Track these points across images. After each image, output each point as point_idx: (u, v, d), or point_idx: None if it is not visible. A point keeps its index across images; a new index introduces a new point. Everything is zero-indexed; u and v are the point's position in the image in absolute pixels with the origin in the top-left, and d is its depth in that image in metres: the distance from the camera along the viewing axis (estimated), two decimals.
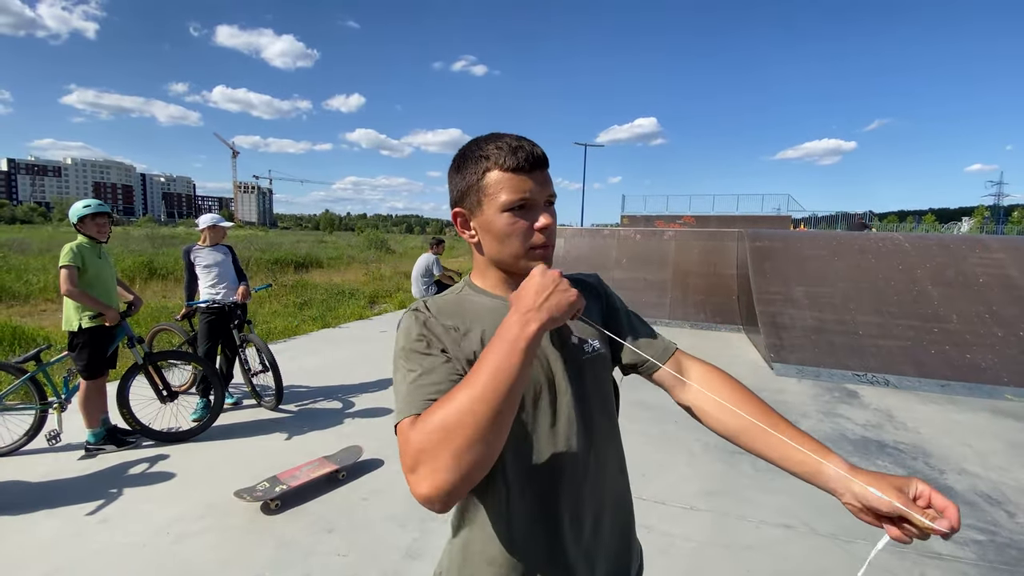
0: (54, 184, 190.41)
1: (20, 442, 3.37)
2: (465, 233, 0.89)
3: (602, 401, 0.92)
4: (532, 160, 0.81)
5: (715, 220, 27.97)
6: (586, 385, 0.89)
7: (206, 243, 4.26)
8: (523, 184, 0.81)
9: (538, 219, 0.82)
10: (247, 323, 4.40)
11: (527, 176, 0.81)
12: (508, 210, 0.82)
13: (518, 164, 0.80)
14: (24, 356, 3.46)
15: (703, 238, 9.80)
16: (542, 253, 0.85)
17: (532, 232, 0.83)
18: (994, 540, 2.64)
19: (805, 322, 6.39)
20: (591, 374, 0.91)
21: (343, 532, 2.56)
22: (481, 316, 0.87)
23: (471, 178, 0.84)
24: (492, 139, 0.84)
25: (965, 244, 7.12)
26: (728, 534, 2.65)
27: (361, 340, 7.08)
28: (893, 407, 4.70)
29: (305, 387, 4.90)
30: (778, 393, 5.01)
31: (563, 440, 0.85)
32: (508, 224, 0.82)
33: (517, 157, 0.80)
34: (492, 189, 0.82)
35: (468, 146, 0.86)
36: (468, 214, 0.87)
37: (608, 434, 0.92)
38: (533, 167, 0.82)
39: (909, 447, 3.80)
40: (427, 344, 0.81)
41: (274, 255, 17.83)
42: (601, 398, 0.92)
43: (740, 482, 3.19)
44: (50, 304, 8.94)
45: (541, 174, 0.83)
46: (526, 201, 0.82)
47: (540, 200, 0.83)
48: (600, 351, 0.94)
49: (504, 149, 0.81)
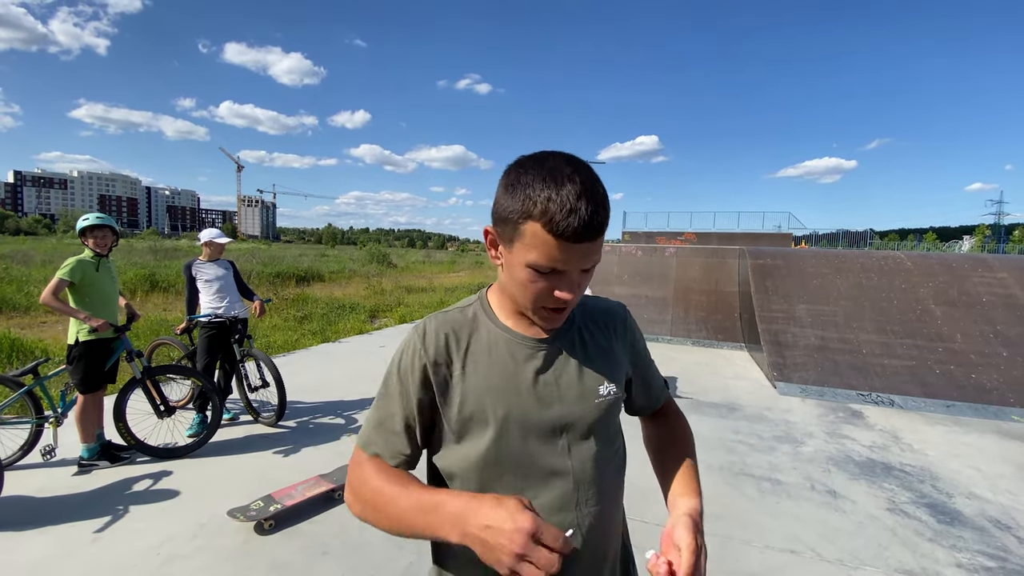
0: (60, 196, 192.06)
1: (15, 456, 3.32)
2: (492, 251, 0.82)
3: (609, 440, 0.89)
4: (583, 231, 0.69)
5: (716, 237, 28.05)
6: (595, 428, 0.86)
7: (207, 257, 4.26)
8: (561, 254, 0.71)
9: (562, 289, 0.75)
10: (247, 338, 4.37)
11: (570, 245, 0.70)
12: (533, 268, 0.74)
13: (563, 232, 0.69)
14: (22, 369, 3.43)
15: (704, 255, 9.79)
16: (548, 316, 0.80)
17: (551, 296, 0.76)
18: (1004, 567, 2.57)
19: (808, 340, 6.34)
20: (602, 418, 0.87)
21: (338, 555, 2.50)
22: (481, 355, 0.84)
23: (512, 215, 0.73)
24: (551, 183, 0.70)
25: (968, 263, 7.10)
26: (732, 559, 2.58)
27: (361, 355, 7.04)
28: (899, 428, 4.63)
29: (303, 403, 4.85)
30: (784, 413, 4.95)
31: (557, 479, 0.83)
32: (528, 280, 0.75)
33: (567, 224, 0.68)
34: (527, 240, 0.72)
35: (526, 171, 0.73)
36: (497, 240, 0.79)
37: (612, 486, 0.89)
38: (582, 238, 0.70)
39: (916, 470, 3.73)
40: (402, 386, 0.85)
41: (276, 268, 17.86)
42: (608, 439, 0.89)
43: (744, 505, 3.13)
44: (50, 316, 8.93)
45: (589, 245, 0.71)
46: (556, 269, 0.73)
47: (575, 269, 0.74)
48: (616, 395, 0.89)
49: (556, 207, 0.68)
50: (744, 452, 3.96)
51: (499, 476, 0.82)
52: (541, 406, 0.82)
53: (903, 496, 3.32)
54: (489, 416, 0.81)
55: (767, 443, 4.16)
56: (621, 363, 0.92)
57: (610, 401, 0.87)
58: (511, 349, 0.84)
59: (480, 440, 0.81)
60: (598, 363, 0.88)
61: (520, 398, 0.82)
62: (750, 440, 4.20)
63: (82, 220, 3.41)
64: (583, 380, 0.85)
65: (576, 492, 0.82)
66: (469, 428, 0.82)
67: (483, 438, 0.81)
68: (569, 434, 0.83)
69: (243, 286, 4.45)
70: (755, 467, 3.69)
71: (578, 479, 0.82)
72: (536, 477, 0.81)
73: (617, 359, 0.91)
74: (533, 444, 0.81)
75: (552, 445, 0.82)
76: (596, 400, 0.85)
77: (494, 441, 0.81)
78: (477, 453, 0.82)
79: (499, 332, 0.86)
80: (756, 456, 3.89)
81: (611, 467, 0.88)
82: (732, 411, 4.94)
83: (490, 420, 0.81)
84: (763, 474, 3.58)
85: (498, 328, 0.86)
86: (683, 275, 9.49)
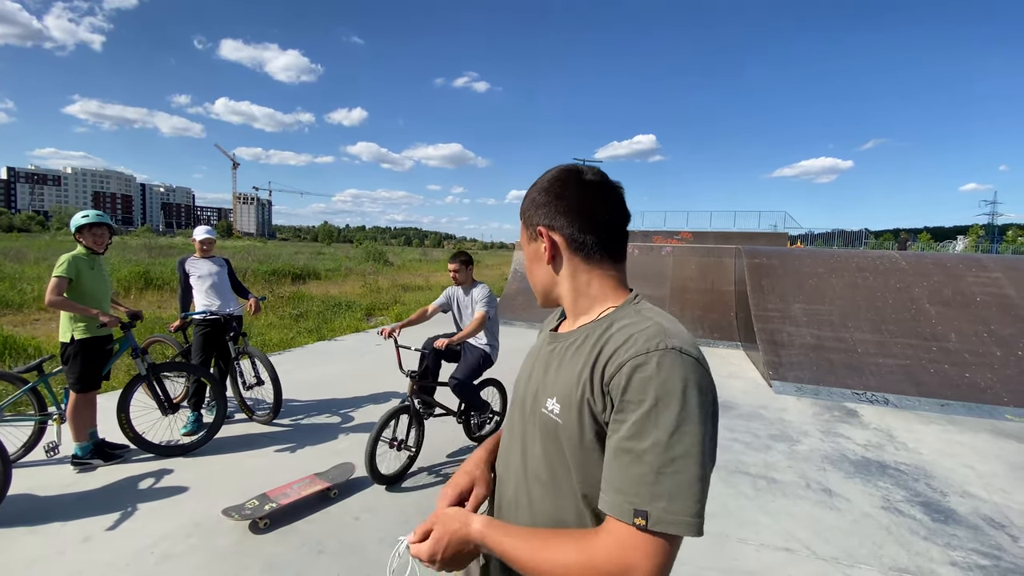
0: (53, 193, 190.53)
1: (18, 453, 3.31)
2: None
3: (548, 468, 0.81)
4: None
5: (712, 236, 28.12)
6: (540, 437, 0.84)
7: (200, 254, 4.23)
8: None
9: None
10: (242, 335, 4.35)
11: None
12: None
13: None
14: (27, 366, 3.41)
15: (700, 254, 9.81)
16: None
17: None
18: (998, 565, 2.59)
19: (803, 339, 6.36)
20: (540, 433, 0.83)
21: (334, 553, 2.49)
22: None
23: None
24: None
25: (962, 263, 7.14)
26: (728, 557, 2.59)
27: (356, 353, 7.01)
28: (893, 427, 4.65)
29: (299, 401, 4.83)
30: (779, 412, 4.96)
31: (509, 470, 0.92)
32: None
33: None
34: None
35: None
36: None
37: (542, 495, 0.83)
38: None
39: (911, 468, 3.75)
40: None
41: (272, 266, 17.77)
42: (548, 465, 0.81)
43: (740, 503, 3.14)
44: (43, 314, 8.86)
45: (523, 228, 0.95)
46: None
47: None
48: (556, 418, 0.79)
49: None
50: (740, 450, 3.96)
51: (503, 438, 0.98)
52: (526, 384, 0.92)
53: (898, 495, 3.33)
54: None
55: (763, 441, 4.17)
56: (576, 392, 0.76)
57: (548, 419, 0.80)
58: (540, 339, 1.00)
59: None
60: (562, 374, 0.82)
61: (522, 374, 0.96)
62: (745, 438, 4.21)
63: (81, 216, 3.37)
64: (545, 383, 0.86)
65: (521, 475, 0.87)
66: None
67: None
68: (528, 418, 0.88)
69: (238, 284, 4.42)
70: (751, 465, 3.70)
71: (525, 466, 0.87)
72: (506, 442, 0.95)
73: (576, 384, 0.77)
74: (515, 414, 0.93)
75: (520, 418, 0.91)
76: (542, 409, 0.83)
77: (509, 406, 1.01)
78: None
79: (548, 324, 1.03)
80: (752, 454, 3.90)
81: (545, 503, 0.82)
82: (728, 410, 4.95)
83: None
84: (759, 472, 3.59)
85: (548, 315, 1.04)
86: (679, 274, 9.51)
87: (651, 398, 0.67)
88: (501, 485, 0.94)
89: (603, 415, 0.73)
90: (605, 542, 0.68)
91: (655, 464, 0.66)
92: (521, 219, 0.92)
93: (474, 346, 3.68)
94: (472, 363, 3.58)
